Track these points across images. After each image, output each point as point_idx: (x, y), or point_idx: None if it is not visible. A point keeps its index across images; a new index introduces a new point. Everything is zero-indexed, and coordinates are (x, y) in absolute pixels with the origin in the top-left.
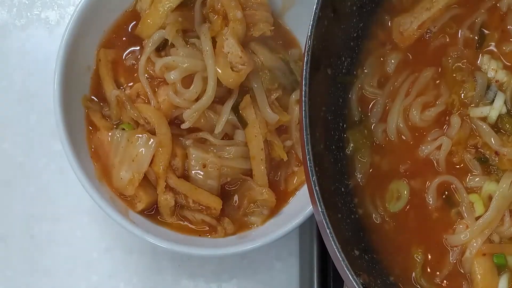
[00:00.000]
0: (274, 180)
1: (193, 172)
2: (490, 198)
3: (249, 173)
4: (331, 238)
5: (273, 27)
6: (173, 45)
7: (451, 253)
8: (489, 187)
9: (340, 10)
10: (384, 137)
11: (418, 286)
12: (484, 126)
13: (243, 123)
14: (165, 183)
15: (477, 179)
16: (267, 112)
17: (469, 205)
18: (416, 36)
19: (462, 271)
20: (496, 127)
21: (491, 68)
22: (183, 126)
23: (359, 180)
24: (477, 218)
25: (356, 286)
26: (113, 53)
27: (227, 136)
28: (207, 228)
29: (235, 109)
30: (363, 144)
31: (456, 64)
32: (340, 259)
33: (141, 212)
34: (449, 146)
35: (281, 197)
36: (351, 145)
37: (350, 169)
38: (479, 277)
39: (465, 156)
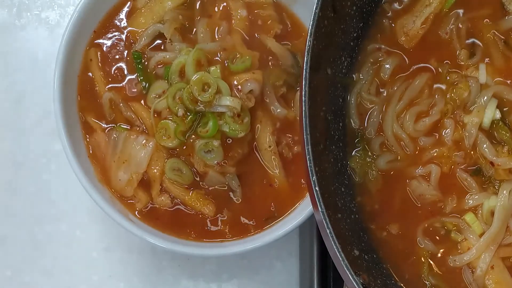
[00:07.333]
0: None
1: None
2: (492, 213)
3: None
4: (331, 238)
5: (281, 26)
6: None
7: (463, 274)
8: (491, 203)
9: (340, 10)
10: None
11: (427, 283)
12: (479, 136)
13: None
14: (160, 186)
15: (476, 197)
16: (276, 107)
17: (468, 227)
18: (421, 34)
19: None
20: (491, 137)
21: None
22: None
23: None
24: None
25: (356, 286)
26: (103, 52)
27: None
28: (207, 228)
29: None
30: (370, 165)
31: (451, 68)
32: (340, 259)
33: (141, 212)
34: (439, 173)
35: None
36: (357, 172)
37: (361, 191)
38: (494, 285)
39: (459, 176)
